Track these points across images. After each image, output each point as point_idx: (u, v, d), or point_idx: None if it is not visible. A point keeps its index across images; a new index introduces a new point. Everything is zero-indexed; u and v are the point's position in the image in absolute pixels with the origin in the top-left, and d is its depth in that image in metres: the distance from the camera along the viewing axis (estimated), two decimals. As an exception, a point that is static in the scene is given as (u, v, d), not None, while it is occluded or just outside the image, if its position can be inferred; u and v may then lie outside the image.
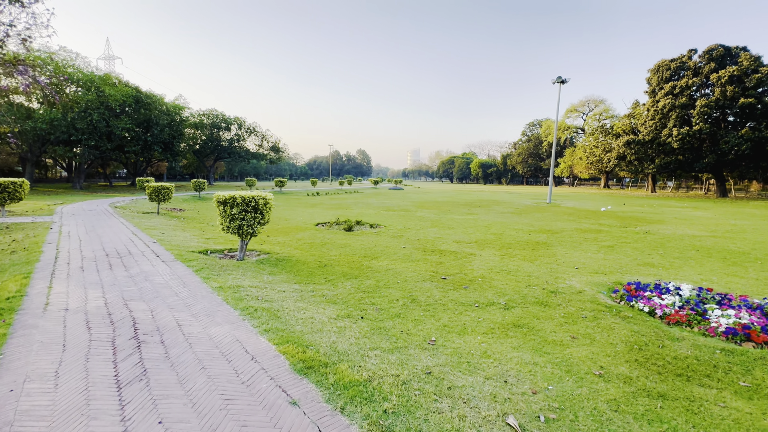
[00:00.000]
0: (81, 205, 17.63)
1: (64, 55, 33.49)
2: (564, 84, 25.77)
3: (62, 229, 9.54)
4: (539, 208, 22.67)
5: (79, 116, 31.31)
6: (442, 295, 5.63)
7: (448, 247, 9.59)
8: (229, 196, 7.07)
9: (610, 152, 48.78)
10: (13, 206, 16.04)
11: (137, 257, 6.46)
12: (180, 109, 44.21)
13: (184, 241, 8.80)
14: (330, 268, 7.08)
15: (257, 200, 7.28)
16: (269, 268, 6.80)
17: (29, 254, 6.63)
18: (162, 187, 14.68)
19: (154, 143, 36.85)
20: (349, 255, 8.35)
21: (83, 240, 7.97)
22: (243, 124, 56.67)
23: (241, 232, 7.23)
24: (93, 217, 12.55)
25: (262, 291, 5.09)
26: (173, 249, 7.46)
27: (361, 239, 10.49)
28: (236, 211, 7.05)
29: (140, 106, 35.04)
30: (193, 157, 58.71)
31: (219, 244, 8.98)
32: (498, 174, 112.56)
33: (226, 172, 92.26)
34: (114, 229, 9.89)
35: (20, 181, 12.94)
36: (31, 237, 8.48)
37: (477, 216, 17.61)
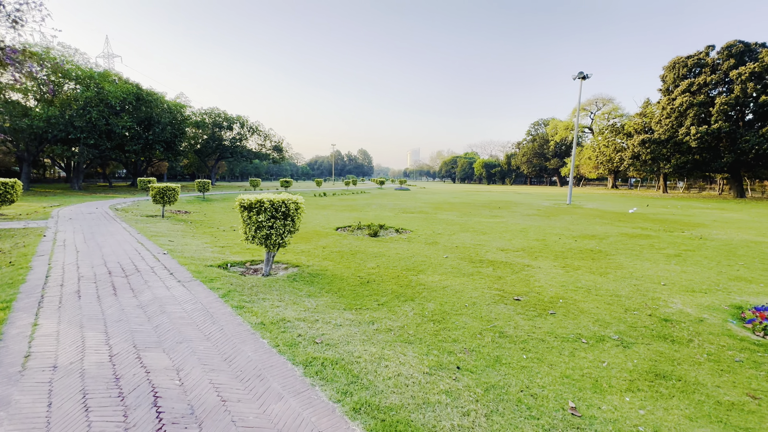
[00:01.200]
0: (79, 207, 16.43)
1: (62, 50, 32.29)
2: (585, 80, 24.64)
3: (57, 237, 8.37)
4: (563, 210, 21.53)
5: (77, 114, 30.09)
6: (530, 326, 4.48)
7: (496, 257, 8.45)
8: (255, 201, 5.91)
9: (623, 151, 47.68)
10: (6, 209, 14.85)
11: (147, 275, 5.29)
12: (181, 108, 42.97)
13: (197, 251, 7.63)
14: (375, 286, 5.93)
15: (288, 205, 6.13)
16: (305, 286, 5.64)
17: (15, 271, 5.46)
18: (167, 188, 13.51)
19: (155, 142, 35.64)
20: (390, 268, 7.21)
21: (81, 251, 6.80)
22: (245, 123, 55.46)
23: (269, 243, 6.07)
24: (92, 222, 11.37)
25: (315, 327, 3.92)
26: (188, 263, 6.29)
27: (393, 247, 9.35)
28: (264, 218, 5.89)
29: (141, 104, 33.82)
30: (194, 156, 57.50)
31: (237, 253, 7.82)
32: (502, 174, 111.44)
33: (228, 172, 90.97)
34: (116, 236, 8.71)
35: (12, 182, 11.77)
36: (20, 247, 7.31)
37: (504, 219, 16.45)
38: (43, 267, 5.59)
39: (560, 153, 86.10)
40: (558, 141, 77.87)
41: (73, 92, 32.08)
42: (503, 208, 22.18)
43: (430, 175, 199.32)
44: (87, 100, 30.56)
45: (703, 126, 35.43)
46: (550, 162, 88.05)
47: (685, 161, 38.22)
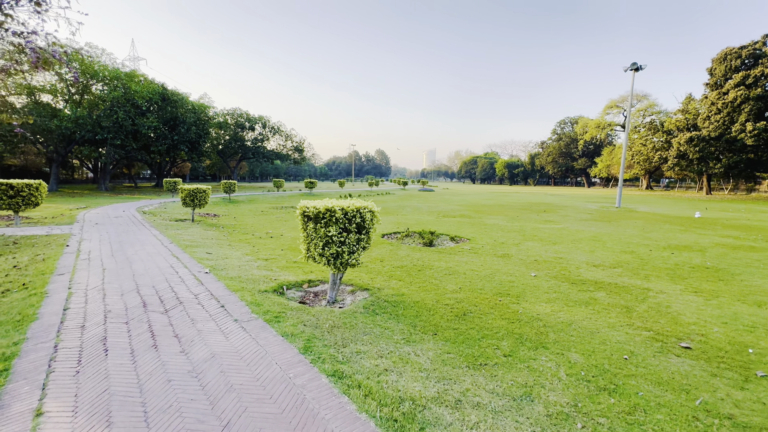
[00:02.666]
0: (106, 210, 15.66)
1: (90, 51, 32.28)
2: (639, 71, 22.53)
3: (81, 247, 7.31)
4: (618, 214, 19.57)
5: (104, 114, 29.91)
6: (753, 400, 2.97)
7: (595, 276, 6.91)
8: (323, 209, 4.59)
9: (663, 150, 44.70)
10: (31, 212, 14.17)
11: (192, 309, 4.02)
12: (205, 108, 42.69)
13: (241, 267, 6.39)
14: (476, 320, 4.55)
15: (363, 214, 4.79)
16: (391, 322, 4.29)
17: (26, 300, 4.30)
18: (197, 190, 12.47)
19: (180, 142, 35.29)
20: (476, 291, 5.81)
21: (108, 268, 5.64)
22: (267, 123, 55.02)
23: (339, 263, 4.75)
24: (120, 228, 10.38)
25: (466, 417, 2.53)
26: (237, 287, 5.02)
27: (461, 261, 7.93)
28: (335, 231, 4.56)
29: (166, 104, 33.50)
30: (217, 157, 57.48)
31: (285, 269, 6.55)
32: (525, 174, 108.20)
33: (248, 172, 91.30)
34: (147, 247, 7.59)
35: (36, 183, 10.92)
36: (39, 261, 6.24)
37: (561, 224, 14.75)
38: (62, 293, 4.43)
39: (589, 152, 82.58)
40: (588, 140, 74.54)
41: (100, 93, 32.00)
42: (549, 212, 20.38)
43: (447, 175, 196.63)
44: (114, 100, 30.35)
45: (761, 122, 32.48)
46: (578, 162, 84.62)
47: (738, 160, 35.24)
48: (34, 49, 7.58)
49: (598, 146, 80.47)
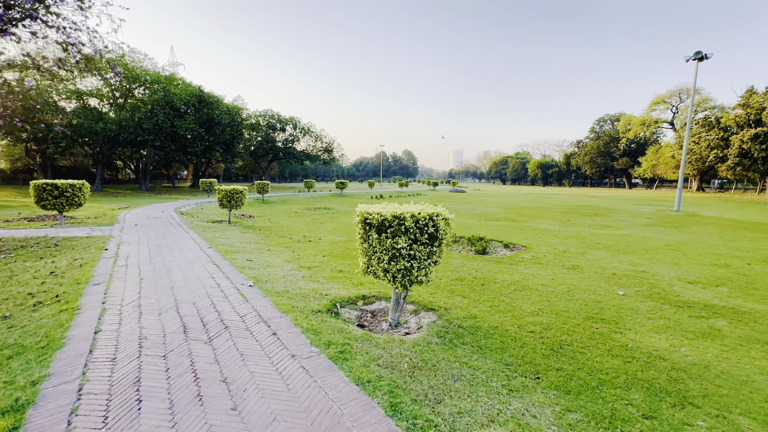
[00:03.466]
0: (146, 210, 15.75)
1: (133, 56, 33.51)
2: (704, 61, 20.36)
3: (119, 251, 6.95)
4: (682, 219, 17.66)
5: (145, 116, 30.89)
6: None
7: (699, 297, 5.74)
8: (389, 216, 3.81)
9: (721, 148, 40.95)
10: (76, 211, 14.42)
11: (240, 338, 3.35)
12: (239, 110, 43.46)
13: (286, 278, 5.74)
14: (579, 358, 3.64)
15: (436, 222, 3.97)
16: (475, 358, 3.46)
17: (56, 318, 3.81)
18: (234, 191, 12.13)
19: (215, 143, 35.98)
20: (558, 313, 4.87)
21: (145, 278, 5.15)
22: (297, 124, 55.48)
23: (407, 280, 3.95)
24: (158, 230, 10.13)
25: None
26: (287, 306, 4.35)
27: (526, 273, 6.95)
28: (404, 242, 3.78)
29: (203, 106, 34.23)
30: (249, 158, 58.64)
31: (333, 280, 5.85)
32: (559, 175, 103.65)
33: (278, 173, 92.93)
34: (186, 252, 7.15)
35: (79, 184, 10.91)
36: (77, 267, 5.87)
37: (620, 230, 13.30)
38: (95, 309, 3.91)
39: (631, 152, 77.76)
40: (630, 138, 70.11)
41: (142, 96, 33.14)
42: (600, 215, 18.74)
43: (476, 176, 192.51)
44: (154, 103, 31.29)
45: (844, 116, 28.84)
46: (618, 162, 79.86)
47: (814, 159, 31.54)
48: (75, 45, 7.35)
49: (642, 145, 75.57)
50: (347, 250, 8.75)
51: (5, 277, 5.55)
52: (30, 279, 5.35)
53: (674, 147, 54.49)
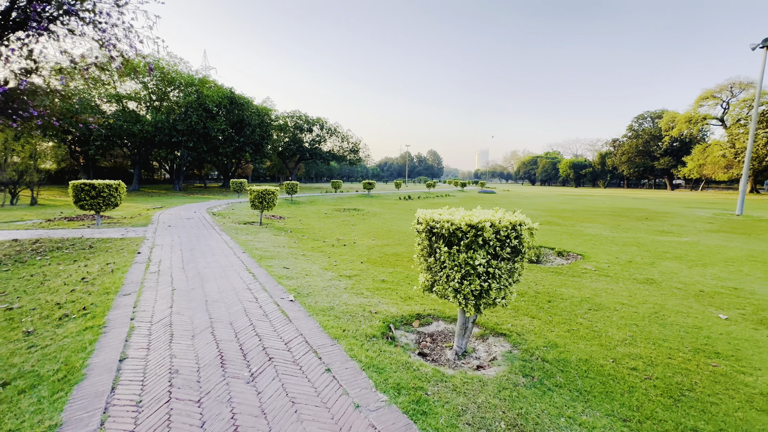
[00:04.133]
0: (179, 211, 15.78)
1: (169, 59, 34.47)
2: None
3: (152, 256, 6.63)
4: (753, 225, 15.84)
5: (179, 118, 31.66)
6: None
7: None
8: (463, 224, 3.11)
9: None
10: (112, 211, 14.59)
11: (287, 376, 2.73)
12: (268, 111, 43.98)
13: (329, 291, 5.15)
14: (713, 412, 2.82)
15: (520, 232, 3.23)
16: (588, 412, 2.68)
17: (80, 338, 3.38)
18: (266, 192, 11.78)
19: (245, 144, 36.47)
20: (656, 343, 4.04)
21: (178, 289, 4.70)
22: (324, 125, 55.63)
23: (483, 303, 3.24)
24: (191, 232, 9.88)
25: None
26: (337, 329, 3.73)
27: (595, 288, 6.06)
28: (482, 257, 3.07)
29: (234, 107, 34.76)
30: (277, 158, 59.41)
31: (376, 291, 5.22)
32: (593, 175, 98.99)
33: (304, 173, 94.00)
34: (219, 257, 6.73)
35: (115, 184, 10.87)
36: (108, 273, 5.54)
37: (683, 237, 11.92)
38: (122, 328, 3.45)
39: (673, 151, 73.03)
40: (674, 136, 65.75)
41: (176, 99, 34.05)
42: (652, 219, 17.17)
43: (503, 176, 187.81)
44: (188, 104, 32.02)
45: None
46: (659, 161, 75.21)
47: None
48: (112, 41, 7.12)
49: (686, 143, 70.76)
50: (385, 256, 8.12)
51: (37, 282, 5.28)
52: (60, 285, 5.03)
53: (725, 145, 50.49)
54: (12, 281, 5.36)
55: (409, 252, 8.71)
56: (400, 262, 7.66)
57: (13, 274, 5.72)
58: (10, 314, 4.02)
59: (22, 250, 7.17)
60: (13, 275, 5.67)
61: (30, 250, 7.15)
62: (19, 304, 4.36)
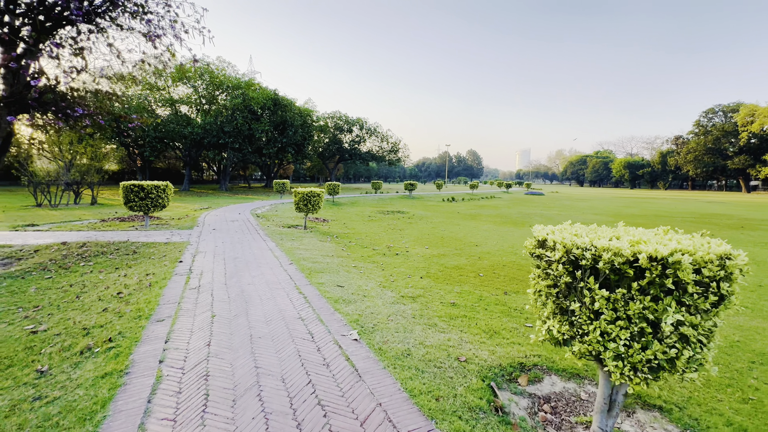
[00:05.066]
0: (224, 212, 15.64)
1: (218, 63, 35.59)
2: None
3: (193, 266, 6.04)
4: None
5: (226, 120, 32.48)
6: None
7: None
8: (643, 255, 1.94)
9: None
10: (161, 212, 14.69)
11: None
12: (310, 113, 44.31)
13: (396, 321, 4.16)
14: None
15: (729, 270, 2.01)
16: None
17: (96, 389, 2.62)
18: (311, 194, 11.10)
19: (288, 145, 36.82)
20: None
21: (219, 315, 3.94)
22: (364, 125, 55.28)
23: (665, 374, 2.07)
24: (235, 238, 9.38)
25: None
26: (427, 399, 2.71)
27: (749, 326, 4.55)
28: (674, 310, 1.90)
29: (278, 108, 35.19)
30: (317, 159, 60.01)
31: (452, 322, 4.15)
32: (652, 176, 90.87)
33: (343, 174, 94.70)
34: (265, 271, 6.00)
35: (163, 185, 10.68)
36: (145, 287, 4.96)
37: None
38: (147, 378, 2.68)
39: (752, 148, 64.89)
40: (755, 131, 58.35)
41: (224, 101, 35.05)
42: (749, 228, 14.56)
43: (547, 177, 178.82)
44: (234, 107, 32.80)
45: None
46: (732, 161, 67.20)
47: None
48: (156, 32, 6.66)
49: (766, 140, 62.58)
50: (446, 270, 7.05)
51: (73, 295, 4.79)
52: (94, 302, 4.47)
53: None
54: (50, 292, 4.92)
55: (472, 265, 7.55)
56: (465, 278, 6.55)
57: (53, 283, 5.32)
58: (32, 340, 3.43)
59: (68, 254, 6.90)
60: (54, 284, 5.27)
61: (76, 255, 6.86)
62: (46, 325, 3.80)
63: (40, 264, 6.26)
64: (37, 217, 13.46)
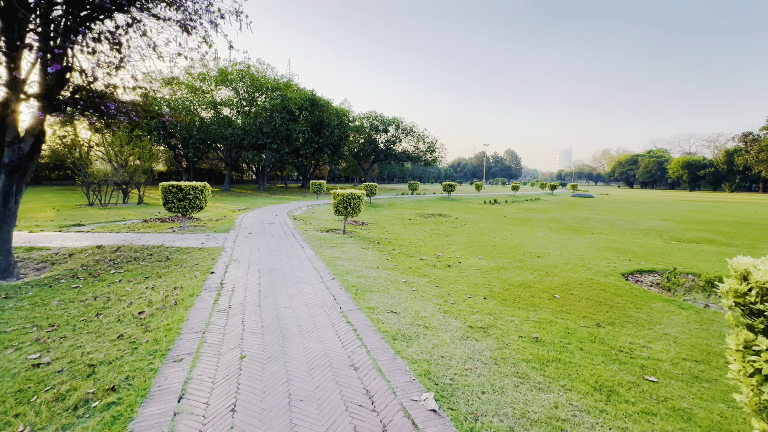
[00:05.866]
0: (261, 214, 15.29)
1: (258, 66, 36.15)
2: None
3: (225, 281, 5.37)
4: None
5: (265, 121, 32.82)
6: None
7: None
8: None
9: None
10: (200, 212, 14.57)
11: None
12: (346, 113, 44.08)
13: (477, 373, 3.16)
14: None
15: None
16: None
17: None
18: (351, 196, 10.30)
19: (324, 145, 36.68)
20: None
21: (249, 355, 3.13)
22: (400, 125, 54.31)
23: None
24: (272, 244, 8.76)
25: None
26: None
27: None
28: None
29: (315, 109, 35.13)
30: (352, 159, 59.86)
31: (543, 369, 3.08)
32: (715, 177, 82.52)
33: (377, 174, 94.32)
34: (305, 289, 5.19)
35: (201, 186, 10.33)
36: (170, 306, 4.30)
37: None
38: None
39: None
40: None
41: (263, 103, 35.54)
42: None
43: (591, 177, 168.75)
44: (273, 107, 33.08)
45: None
46: (817, 159, 59.18)
47: None
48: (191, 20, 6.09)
49: None
50: (511, 288, 5.95)
51: (93, 311, 4.22)
52: (113, 322, 3.86)
53: None
54: (72, 306, 4.40)
55: (540, 282, 6.35)
56: (537, 299, 5.40)
57: (78, 294, 4.83)
58: (29, 377, 2.80)
59: (101, 259, 6.52)
60: (78, 295, 4.77)
61: (108, 260, 6.46)
62: (53, 353, 3.19)
63: (71, 270, 5.88)
64: (86, 216, 13.77)
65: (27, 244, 7.58)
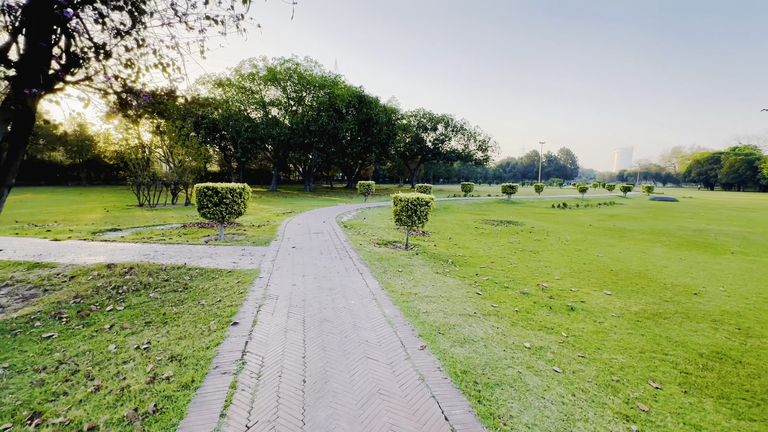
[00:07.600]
0: (307, 219, 13.66)
1: (306, 64, 35.37)
2: None
3: (251, 342, 3.46)
4: None
5: (312, 119, 31.85)
6: None
7: None
8: None
9: None
10: (242, 217, 13.24)
11: None
12: (394, 110, 42.13)
13: None
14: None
15: None
16: None
17: None
18: (419, 202, 8.17)
19: (372, 144, 35.01)
20: None
21: None
22: (450, 122, 51.30)
23: None
24: (320, 268, 6.88)
25: None
26: None
27: None
28: None
29: (363, 106, 33.57)
30: (399, 159, 57.87)
31: None
32: (826, 178, 69.43)
33: (422, 175, 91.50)
34: (383, 380, 3.11)
35: (240, 189, 8.79)
36: (148, 415, 2.42)
37: None
38: None
39: None
40: None
41: (310, 102, 34.67)
42: None
43: (659, 178, 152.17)
44: (320, 105, 32.01)
45: None
46: None
47: None
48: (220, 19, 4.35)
49: None
50: (708, 364, 3.47)
51: (38, 398, 2.49)
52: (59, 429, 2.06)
53: None
54: (18, 379, 2.73)
55: (749, 353, 3.75)
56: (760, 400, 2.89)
57: (42, 354, 3.19)
58: None
59: (104, 286, 4.98)
60: (41, 357, 3.13)
61: (111, 288, 4.91)
62: None
63: (58, 305, 4.34)
64: (130, 218, 13.04)
65: (37, 258, 6.34)
